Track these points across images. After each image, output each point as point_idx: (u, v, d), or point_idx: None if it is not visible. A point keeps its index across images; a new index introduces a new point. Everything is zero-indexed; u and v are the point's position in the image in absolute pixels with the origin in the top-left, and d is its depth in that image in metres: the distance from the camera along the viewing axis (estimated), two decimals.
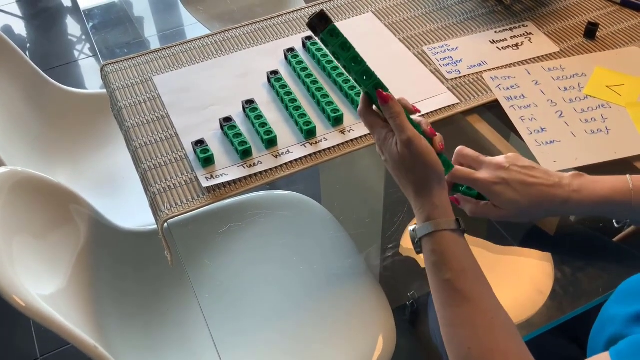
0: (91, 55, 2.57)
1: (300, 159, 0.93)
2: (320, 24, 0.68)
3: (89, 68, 2.52)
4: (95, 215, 1.05)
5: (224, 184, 0.89)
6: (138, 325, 1.04)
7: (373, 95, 0.70)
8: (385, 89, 0.70)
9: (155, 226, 0.88)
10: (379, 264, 0.97)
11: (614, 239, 0.88)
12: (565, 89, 1.02)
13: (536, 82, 1.03)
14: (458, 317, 0.62)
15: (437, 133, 0.73)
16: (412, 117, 0.72)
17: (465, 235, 0.68)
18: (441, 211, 0.66)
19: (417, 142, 0.67)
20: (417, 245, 0.68)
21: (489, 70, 1.06)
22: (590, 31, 1.11)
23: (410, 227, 0.68)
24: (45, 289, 0.85)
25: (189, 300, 1.06)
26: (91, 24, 1.58)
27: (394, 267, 0.91)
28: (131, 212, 1.23)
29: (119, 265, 1.08)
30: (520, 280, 0.83)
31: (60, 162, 1.33)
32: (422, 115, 0.99)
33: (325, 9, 0.68)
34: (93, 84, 2.46)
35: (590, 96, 1.00)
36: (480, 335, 0.60)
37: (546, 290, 0.80)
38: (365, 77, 0.69)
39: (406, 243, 0.87)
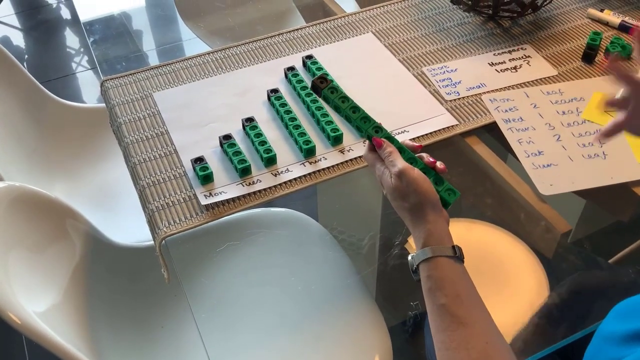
0: (89, 68, 2.57)
1: (300, 177, 0.93)
2: (322, 84, 0.79)
3: (87, 80, 2.52)
4: (92, 230, 1.05)
5: (222, 202, 0.89)
6: (132, 342, 1.03)
7: (370, 138, 0.77)
8: (382, 129, 0.77)
9: (152, 242, 0.88)
10: (375, 284, 0.97)
11: (610, 261, 0.89)
12: (564, 112, 1.02)
13: (535, 105, 1.04)
14: (453, 341, 0.62)
15: (436, 161, 0.74)
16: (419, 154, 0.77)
17: (466, 254, 0.68)
18: (436, 238, 0.68)
19: (408, 173, 0.71)
20: (415, 273, 0.69)
21: (488, 92, 1.07)
22: (588, 55, 1.12)
23: (409, 255, 0.70)
24: (40, 304, 0.84)
25: (184, 318, 1.05)
26: (90, 37, 1.58)
27: (391, 287, 0.91)
28: (128, 227, 1.22)
29: (115, 281, 1.07)
30: (515, 303, 0.83)
31: (58, 176, 1.32)
32: (422, 136, 0.99)
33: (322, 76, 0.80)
34: (90, 96, 2.46)
35: (588, 121, 1.01)
36: (475, 359, 0.61)
37: (541, 313, 0.80)
38: (364, 122, 0.78)
39: (404, 264, 0.87)
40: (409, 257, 0.70)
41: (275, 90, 1.05)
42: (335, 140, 0.97)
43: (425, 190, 0.70)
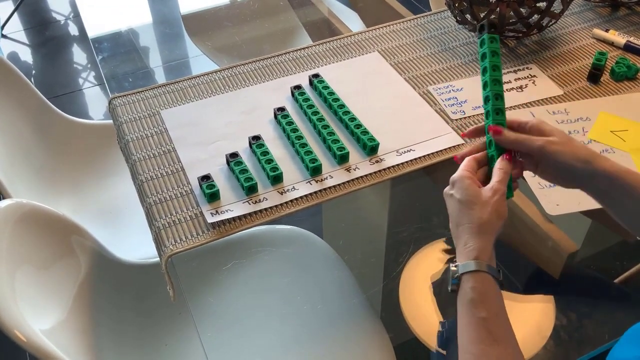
0: (97, 84, 2.59)
1: (306, 196, 0.93)
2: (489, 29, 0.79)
3: (94, 97, 2.54)
4: (97, 247, 1.05)
5: (229, 220, 0.89)
6: (136, 359, 1.03)
7: (491, 116, 0.76)
8: (503, 114, 0.76)
9: (157, 259, 0.88)
10: (381, 303, 0.97)
11: (616, 280, 0.88)
12: (570, 132, 1.03)
13: None
14: (484, 356, 0.63)
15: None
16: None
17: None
18: (489, 256, 0.69)
19: (501, 197, 0.71)
20: (455, 281, 0.69)
21: None
22: (594, 75, 1.13)
23: (452, 264, 0.70)
24: (46, 321, 0.84)
25: (188, 336, 1.05)
26: (98, 53, 1.60)
27: (397, 307, 0.91)
28: (133, 244, 1.22)
29: (120, 298, 1.07)
30: (523, 325, 0.82)
31: (64, 192, 1.33)
32: (428, 155, 0.99)
33: None
34: (97, 112, 2.47)
35: (595, 141, 1.01)
36: None
37: (547, 334, 0.79)
38: (495, 99, 0.76)
39: (409, 283, 0.87)
40: (453, 266, 0.70)
41: (281, 109, 1.06)
42: (342, 158, 0.97)
43: (505, 217, 0.71)
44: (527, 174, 0.96)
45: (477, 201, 0.71)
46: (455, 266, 0.69)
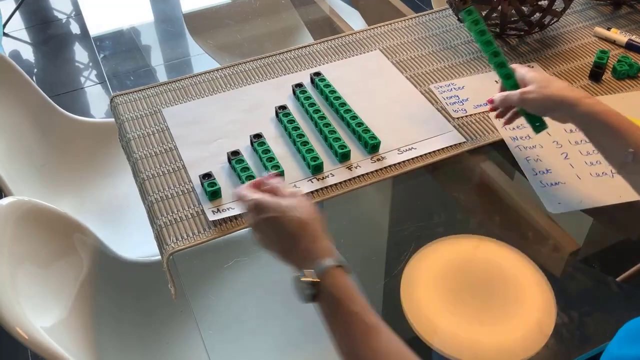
0: (98, 82, 2.59)
1: (307, 194, 0.93)
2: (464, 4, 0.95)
3: (96, 95, 2.54)
4: (99, 245, 1.05)
5: (230, 218, 0.89)
6: (138, 358, 1.03)
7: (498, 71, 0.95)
8: (505, 64, 0.94)
9: (159, 257, 0.88)
10: (382, 301, 0.97)
11: (618, 279, 0.88)
12: (571, 130, 1.02)
13: None
14: (368, 349, 0.62)
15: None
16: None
17: (470, 273, 0.68)
18: (333, 251, 0.69)
19: (302, 196, 0.73)
20: (309, 288, 0.67)
21: None
22: (596, 74, 1.12)
23: (298, 275, 0.68)
24: (47, 319, 0.84)
25: (190, 334, 1.05)
26: (100, 52, 1.60)
27: (398, 305, 0.91)
28: (135, 242, 1.22)
29: (121, 296, 1.07)
30: (524, 322, 0.82)
31: (66, 190, 1.33)
32: (429, 154, 0.99)
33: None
34: (99, 110, 2.48)
35: None
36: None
37: (549, 332, 0.79)
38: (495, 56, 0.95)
39: (410, 282, 0.87)
40: (300, 276, 0.67)
41: (283, 107, 1.06)
42: (343, 157, 0.97)
43: (313, 207, 0.72)
44: (529, 173, 0.96)
45: (289, 209, 0.71)
46: (303, 276, 0.67)
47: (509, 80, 0.93)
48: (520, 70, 0.92)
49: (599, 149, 0.84)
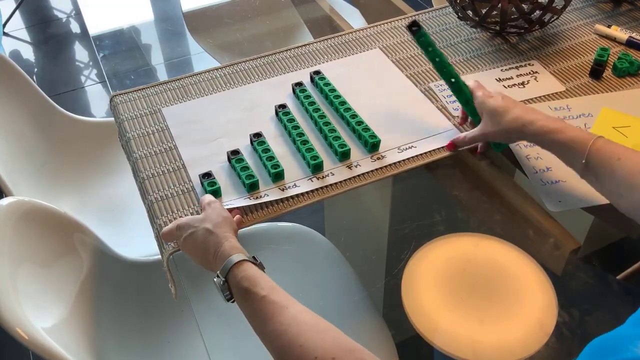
0: (98, 81, 2.59)
1: (307, 193, 0.93)
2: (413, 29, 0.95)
3: (96, 94, 2.54)
4: (99, 244, 1.05)
5: None
6: (139, 357, 1.03)
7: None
8: (457, 79, 0.97)
9: (159, 256, 0.88)
10: (383, 300, 0.97)
11: (618, 277, 0.88)
12: None
13: None
14: (282, 323, 0.65)
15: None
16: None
17: (470, 271, 0.68)
18: (241, 248, 0.75)
19: (214, 203, 0.83)
20: (225, 287, 0.72)
21: None
22: (596, 71, 1.12)
23: (215, 279, 0.73)
24: (48, 319, 0.84)
25: (191, 333, 1.05)
26: (100, 51, 1.60)
27: (399, 304, 0.91)
28: (135, 241, 1.22)
29: (121, 295, 1.07)
30: (525, 321, 0.82)
31: (66, 190, 1.33)
32: (429, 152, 0.99)
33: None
34: (99, 109, 2.48)
35: None
36: (310, 328, 0.64)
37: (550, 331, 0.79)
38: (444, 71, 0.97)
39: (411, 280, 0.87)
40: (215, 278, 0.73)
41: (283, 106, 1.06)
42: (343, 155, 0.97)
43: (224, 211, 0.80)
44: (529, 171, 0.96)
45: (200, 222, 0.78)
46: (217, 276, 0.73)
47: (468, 107, 0.97)
48: (479, 95, 0.93)
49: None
